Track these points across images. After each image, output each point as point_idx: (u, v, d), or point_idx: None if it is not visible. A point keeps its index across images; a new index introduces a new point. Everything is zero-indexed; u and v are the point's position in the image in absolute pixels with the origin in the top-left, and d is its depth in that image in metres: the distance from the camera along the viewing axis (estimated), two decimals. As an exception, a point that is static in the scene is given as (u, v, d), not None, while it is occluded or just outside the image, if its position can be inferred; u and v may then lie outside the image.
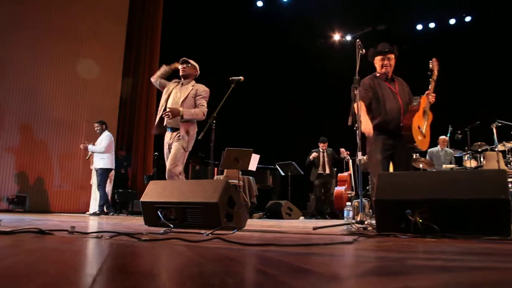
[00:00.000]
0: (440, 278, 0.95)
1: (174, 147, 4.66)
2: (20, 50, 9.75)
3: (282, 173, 10.20)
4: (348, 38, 12.99)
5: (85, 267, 1.08)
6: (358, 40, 4.20)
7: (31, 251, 1.26)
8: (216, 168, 8.80)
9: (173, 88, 4.92)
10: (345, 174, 9.57)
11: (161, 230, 2.76)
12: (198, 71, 5.07)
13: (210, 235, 2.34)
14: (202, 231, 2.52)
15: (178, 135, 4.70)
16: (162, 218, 3.38)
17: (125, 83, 11.45)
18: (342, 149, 9.22)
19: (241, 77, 5.00)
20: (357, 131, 3.81)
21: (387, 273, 1.02)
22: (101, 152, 8.30)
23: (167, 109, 4.65)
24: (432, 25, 12.82)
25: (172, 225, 3.16)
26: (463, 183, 2.64)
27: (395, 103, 4.32)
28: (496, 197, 2.52)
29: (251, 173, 8.69)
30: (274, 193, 10.49)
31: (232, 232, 2.69)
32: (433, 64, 4.50)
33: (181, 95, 4.80)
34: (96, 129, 8.60)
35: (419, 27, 12.90)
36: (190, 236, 2.27)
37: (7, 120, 9.52)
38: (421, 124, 4.24)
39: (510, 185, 7.23)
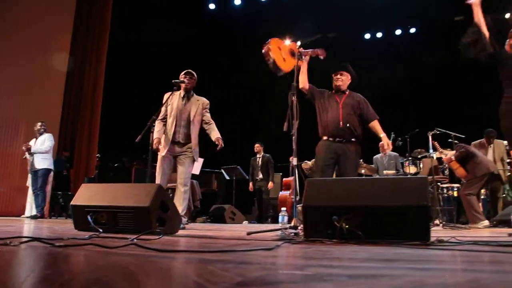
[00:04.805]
0: None
1: (187, 161, 4.83)
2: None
3: (227, 177, 10.19)
4: (298, 43, 13.14)
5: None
6: (299, 47, 4.31)
7: None
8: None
9: (177, 101, 4.90)
10: (290, 178, 9.66)
11: (87, 235, 2.68)
12: None
13: (135, 240, 2.29)
14: (129, 236, 2.46)
15: (188, 149, 4.88)
16: (92, 223, 3.29)
17: (69, 82, 11.02)
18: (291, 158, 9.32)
19: (185, 80, 4.96)
20: (293, 137, 3.88)
21: (256, 284, 1.02)
22: (45, 153, 7.95)
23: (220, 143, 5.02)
24: (379, 34, 13.25)
25: (101, 230, 3.08)
26: (387, 190, 2.72)
27: (335, 112, 4.50)
28: (417, 203, 2.62)
29: (195, 176, 8.60)
30: (218, 197, 10.45)
31: (158, 237, 2.64)
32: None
33: (191, 110, 4.92)
34: (40, 128, 8.13)
35: (367, 36, 13.30)
36: (111, 241, 2.22)
37: None
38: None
39: (445, 191, 7.49)
